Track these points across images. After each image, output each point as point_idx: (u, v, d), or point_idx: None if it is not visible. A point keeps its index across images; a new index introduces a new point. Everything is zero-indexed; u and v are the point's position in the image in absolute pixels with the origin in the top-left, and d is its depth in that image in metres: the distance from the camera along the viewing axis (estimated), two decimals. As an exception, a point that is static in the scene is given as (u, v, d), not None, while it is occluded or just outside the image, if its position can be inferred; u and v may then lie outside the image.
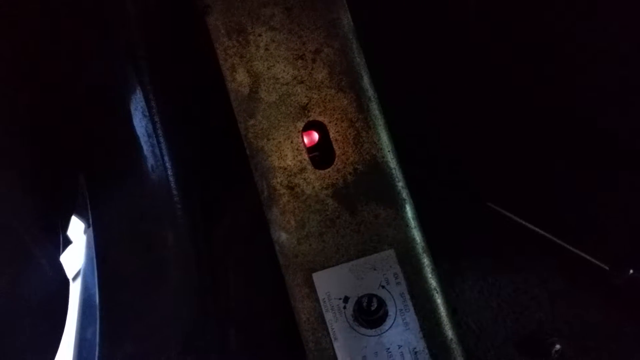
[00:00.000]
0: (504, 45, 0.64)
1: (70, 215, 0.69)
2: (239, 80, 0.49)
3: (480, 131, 0.70)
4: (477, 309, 0.68)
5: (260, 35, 0.49)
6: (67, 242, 0.70)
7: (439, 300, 0.47)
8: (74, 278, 0.86)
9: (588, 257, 0.65)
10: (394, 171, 0.48)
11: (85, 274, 0.79)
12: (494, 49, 0.64)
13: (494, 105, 0.68)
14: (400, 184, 0.48)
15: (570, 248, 0.66)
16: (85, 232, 0.79)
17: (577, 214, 0.66)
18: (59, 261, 0.57)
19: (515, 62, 0.64)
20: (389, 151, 0.48)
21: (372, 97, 0.49)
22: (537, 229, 0.67)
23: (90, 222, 0.70)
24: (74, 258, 0.79)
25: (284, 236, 0.48)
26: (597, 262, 0.64)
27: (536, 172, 0.68)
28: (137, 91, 0.59)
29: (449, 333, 0.47)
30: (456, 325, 0.48)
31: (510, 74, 0.65)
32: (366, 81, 0.49)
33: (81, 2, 0.59)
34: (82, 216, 0.75)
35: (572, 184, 0.66)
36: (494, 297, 0.68)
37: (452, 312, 0.67)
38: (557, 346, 0.63)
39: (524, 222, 0.68)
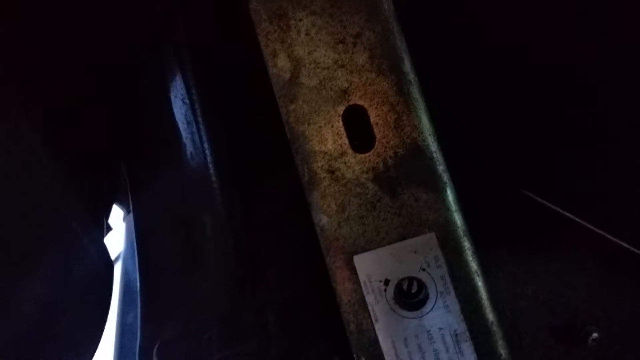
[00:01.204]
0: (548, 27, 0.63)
1: (112, 202, 0.71)
2: (280, 65, 0.49)
3: (516, 117, 0.69)
4: (512, 296, 0.67)
5: (301, 20, 0.50)
6: (108, 228, 0.71)
7: (480, 283, 0.47)
8: (114, 260, 0.88)
9: (626, 245, 0.64)
10: (434, 154, 0.48)
11: (126, 259, 0.80)
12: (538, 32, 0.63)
13: (534, 92, 0.67)
14: (441, 167, 0.48)
15: (608, 236, 0.65)
16: (124, 219, 0.81)
17: (616, 201, 0.65)
18: (104, 245, 0.58)
19: (561, 44, 0.63)
20: (429, 134, 0.48)
21: (412, 80, 0.49)
22: (573, 217, 0.66)
23: (131, 208, 0.72)
24: (115, 244, 0.81)
25: (324, 219, 0.48)
26: (636, 250, 0.63)
27: (574, 160, 0.67)
28: (178, 78, 0.60)
29: (490, 316, 0.47)
30: (496, 307, 0.48)
31: (554, 58, 0.64)
32: (407, 64, 0.49)
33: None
34: (122, 203, 0.77)
35: (611, 172, 0.65)
36: (529, 284, 0.68)
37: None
38: (595, 334, 0.62)
39: (559, 210, 0.67)
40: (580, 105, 0.64)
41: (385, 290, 0.47)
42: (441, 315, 0.46)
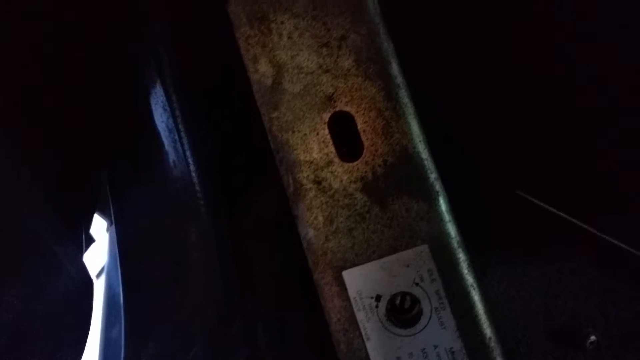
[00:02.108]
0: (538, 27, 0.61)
1: (93, 214, 0.69)
2: (261, 70, 0.47)
3: (508, 118, 0.67)
4: (508, 300, 0.66)
5: (282, 22, 0.47)
6: (90, 240, 0.69)
7: (476, 297, 0.45)
8: (98, 275, 0.86)
9: (624, 246, 0.63)
10: (426, 162, 0.46)
11: (109, 272, 0.78)
12: (526, 31, 0.62)
13: (524, 92, 0.66)
14: (433, 175, 0.46)
15: (605, 237, 0.64)
16: (107, 229, 0.78)
17: (613, 201, 0.64)
18: (82, 261, 0.56)
19: (553, 47, 0.62)
20: (420, 141, 0.46)
21: (401, 84, 0.47)
22: (569, 217, 0.65)
23: (113, 220, 0.70)
24: (98, 256, 0.79)
25: (311, 233, 0.46)
26: (633, 251, 0.62)
27: (568, 159, 0.66)
28: (157, 85, 0.58)
29: (488, 331, 0.45)
30: (493, 322, 0.46)
31: (543, 59, 0.63)
32: (394, 68, 0.47)
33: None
34: (105, 214, 0.75)
35: (606, 171, 0.64)
36: (525, 287, 0.67)
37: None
38: (592, 337, 0.61)
39: (555, 210, 0.66)
40: (574, 105, 0.63)
41: (376, 306, 0.45)
42: (436, 332, 0.44)
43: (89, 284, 0.55)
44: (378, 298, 0.45)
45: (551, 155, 0.66)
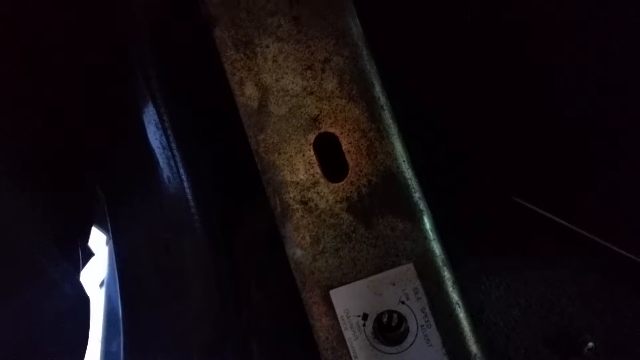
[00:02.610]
0: (520, 41, 0.61)
1: (90, 229, 0.69)
2: (247, 94, 0.48)
3: (502, 124, 0.67)
4: (505, 306, 0.66)
5: (267, 46, 0.48)
6: (89, 254, 0.70)
7: (462, 314, 0.45)
8: (101, 285, 0.87)
9: (621, 252, 0.63)
10: (409, 181, 0.47)
11: (109, 285, 0.79)
12: (508, 44, 0.62)
13: (516, 98, 0.66)
14: (417, 194, 0.47)
15: (603, 242, 0.63)
16: (107, 243, 0.79)
17: (609, 206, 0.64)
18: (78, 279, 0.57)
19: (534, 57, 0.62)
20: (403, 161, 0.47)
21: (384, 105, 0.47)
22: (566, 223, 0.65)
23: (110, 235, 0.70)
24: (98, 269, 0.80)
25: (299, 253, 0.47)
26: (631, 256, 0.62)
27: (564, 164, 0.66)
28: (149, 104, 0.59)
29: (473, 348, 0.45)
30: (479, 339, 0.46)
31: (529, 67, 0.63)
32: (378, 89, 0.47)
33: (93, 17, 0.58)
34: (103, 227, 0.76)
35: (603, 176, 0.63)
36: (522, 294, 0.67)
37: (479, 310, 0.66)
38: (590, 344, 0.61)
39: (551, 216, 0.66)
40: (573, 110, 0.63)
41: (364, 325, 0.45)
42: (422, 350, 0.45)
43: (86, 301, 0.56)
44: (365, 316, 0.45)
45: (548, 162, 0.66)
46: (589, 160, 0.64)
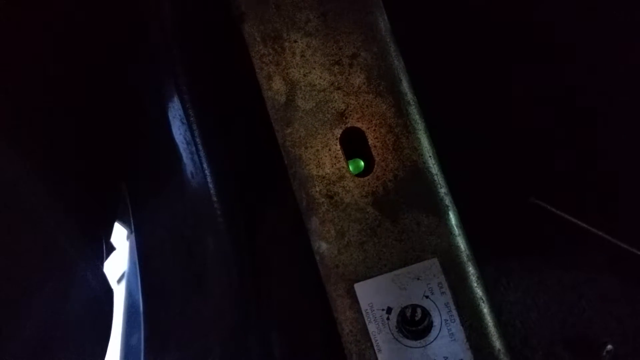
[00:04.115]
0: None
1: (113, 223, 0.70)
2: (275, 88, 0.48)
3: (522, 125, 0.67)
4: (524, 308, 0.66)
5: (295, 41, 0.48)
6: (111, 248, 0.71)
7: (485, 310, 0.45)
8: (119, 281, 0.88)
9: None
10: (435, 177, 0.47)
11: (129, 279, 0.80)
12: (527, 46, 0.62)
13: (537, 99, 0.66)
14: (442, 190, 0.47)
15: (622, 244, 0.63)
16: (128, 237, 0.80)
17: (629, 208, 0.64)
18: (102, 271, 0.57)
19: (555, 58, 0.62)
20: (430, 156, 0.47)
21: (411, 100, 0.47)
22: (585, 225, 0.65)
23: (133, 229, 0.71)
24: (118, 263, 0.81)
25: (324, 246, 0.47)
26: (651, 258, 0.62)
27: (584, 167, 0.66)
28: (175, 98, 0.60)
29: (497, 343, 0.45)
30: (502, 334, 0.46)
31: (556, 69, 0.63)
32: (405, 85, 0.47)
33: (120, 10, 0.59)
34: (125, 222, 0.76)
35: (623, 179, 0.63)
36: (541, 295, 0.66)
37: (498, 312, 0.66)
38: (609, 346, 0.61)
39: (571, 218, 0.66)
40: (590, 110, 0.63)
41: (387, 318, 0.46)
42: (446, 344, 0.45)
43: (110, 293, 0.57)
44: (389, 310, 0.46)
45: (568, 163, 0.66)
46: (610, 163, 0.64)
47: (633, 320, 0.62)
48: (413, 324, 0.45)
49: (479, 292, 0.46)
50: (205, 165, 0.61)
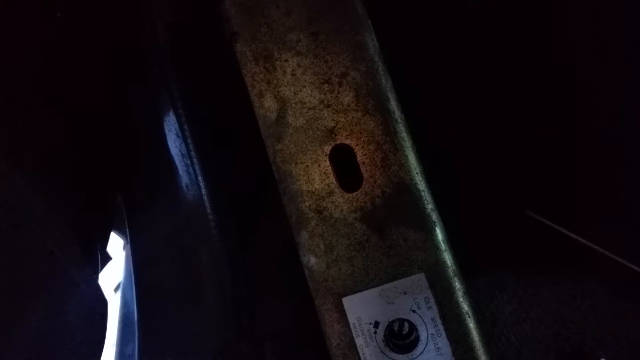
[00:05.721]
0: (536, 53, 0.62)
1: (109, 233, 0.71)
2: (266, 105, 0.49)
3: (516, 137, 0.68)
4: (517, 321, 0.67)
5: (286, 60, 0.49)
6: (107, 258, 0.72)
7: (472, 324, 0.46)
8: (115, 289, 0.88)
9: (635, 268, 0.63)
10: (422, 193, 0.48)
11: (125, 289, 0.81)
12: (522, 56, 0.63)
13: (530, 113, 0.66)
14: (429, 206, 0.48)
15: (616, 258, 0.63)
16: (124, 247, 0.81)
17: (623, 222, 0.64)
18: (97, 282, 0.58)
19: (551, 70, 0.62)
20: (417, 173, 0.48)
21: (399, 118, 0.48)
22: (579, 238, 0.65)
23: (128, 239, 0.72)
24: (114, 272, 0.82)
25: (313, 260, 0.48)
26: (645, 273, 0.62)
27: (580, 180, 0.66)
28: (170, 113, 0.61)
29: (483, 358, 0.46)
30: (489, 351, 0.47)
31: (546, 79, 0.63)
32: (393, 103, 0.48)
33: (115, 30, 0.60)
34: (121, 232, 0.77)
35: (618, 192, 0.63)
36: (535, 308, 0.67)
37: (491, 324, 0.66)
38: (603, 359, 0.61)
39: (565, 231, 0.66)
40: (585, 123, 0.63)
41: (375, 332, 0.46)
42: (432, 358, 0.46)
43: (104, 304, 0.58)
44: (377, 324, 0.46)
45: (562, 175, 0.66)
46: (603, 176, 0.64)
47: (627, 334, 0.62)
48: (400, 338, 0.46)
49: (465, 306, 0.46)
50: (200, 178, 0.62)
